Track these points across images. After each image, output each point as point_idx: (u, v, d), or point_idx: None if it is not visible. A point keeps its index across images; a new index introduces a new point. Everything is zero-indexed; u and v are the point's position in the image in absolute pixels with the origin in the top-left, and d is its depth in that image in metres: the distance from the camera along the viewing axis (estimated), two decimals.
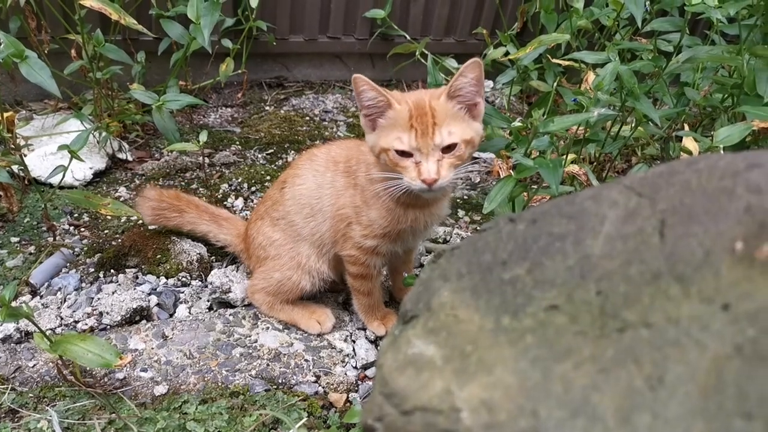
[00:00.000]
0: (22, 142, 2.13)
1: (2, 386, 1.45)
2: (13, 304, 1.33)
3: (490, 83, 3.33)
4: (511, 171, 1.65)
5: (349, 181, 1.63)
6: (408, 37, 3.07)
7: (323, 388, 1.62)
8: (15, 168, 2.02)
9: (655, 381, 0.53)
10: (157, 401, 1.49)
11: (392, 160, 1.41)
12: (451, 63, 2.91)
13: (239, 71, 2.82)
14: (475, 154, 2.78)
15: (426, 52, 2.64)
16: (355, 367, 1.70)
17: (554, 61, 2.41)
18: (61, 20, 2.34)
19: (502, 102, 3.20)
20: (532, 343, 0.64)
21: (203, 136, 2.15)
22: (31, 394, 1.44)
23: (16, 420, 1.35)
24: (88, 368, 1.55)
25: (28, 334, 1.67)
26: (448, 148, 1.38)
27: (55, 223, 2.01)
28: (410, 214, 1.54)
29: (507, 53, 2.75)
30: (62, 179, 1.86)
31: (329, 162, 1.70)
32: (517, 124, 1.50)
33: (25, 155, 2.18)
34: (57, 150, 1.69)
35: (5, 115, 1.86)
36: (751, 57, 1.65)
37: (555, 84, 2.00)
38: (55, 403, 1.40)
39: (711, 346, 0.52)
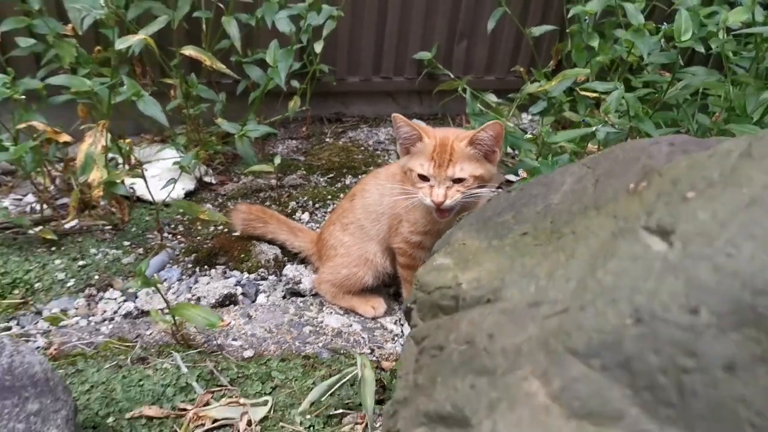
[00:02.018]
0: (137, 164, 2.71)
1: (131, 343, 1.95)
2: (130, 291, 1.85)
3: (527, 116, 3.79)
4: None
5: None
6: (452, 76, 3.59)
7: (377, 358, 2.06)
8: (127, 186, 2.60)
9: (569, 256, 0.96)
10: (246, 360, 1.96)
11: (413, 179, 1.87)
12: (491, 98, 3.39)
13: (304, 108, 3.38)
14: (508, 177, 3.23)
15: (467, 87, 3.13)
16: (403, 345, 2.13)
17: (582, 93, 2.85)
18: (163, 65, 2.95)
19: (537, 131, 3.63)
20: (508, 251, 1.08)
21: (277, 160, 2.69)
22: (152, 350, 1.94)
23: (145, 365, 1.84)
24: (191, 336, 2.04)
25: (144, 312, 2.20)
26: (458, 180, 1.83)
27: (162, 227, 2.56)
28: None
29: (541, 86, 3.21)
30: (171, 191, 2.42)
31: (389, 176, 2.18)
32: (528, 136, 1.94)
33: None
34: (172, 165, 2.24)
35: (127, 141, 2.44)
36: (736, 84, 2.05)
37: (586, 114, 2.43)
38: (172, 354, 1.89)
39: (601, 235, 0.95)
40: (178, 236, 2.65)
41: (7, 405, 1.22)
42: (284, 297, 2.34)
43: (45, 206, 2.59)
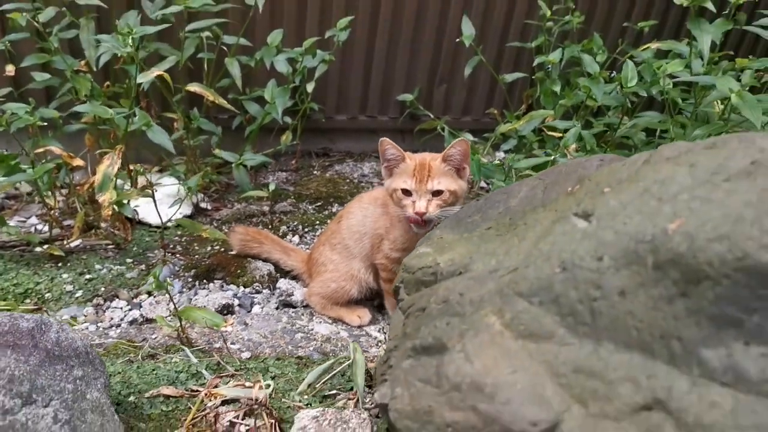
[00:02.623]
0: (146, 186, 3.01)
1: (139, 344, 2.21)
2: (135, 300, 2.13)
3: (501, 153, 4.19)
4: None
5: (384, 210, 2.43)
6: (432, 116, 3.98)
7: None
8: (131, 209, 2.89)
9: (521, 239, 1.29)
10: (244, 361, 2.23)
11: (398, 197, 2.21)
12: (467, 136, 3.78)
13: (294, 142, 3.73)
14: None
15: (445, 126, 3.51)
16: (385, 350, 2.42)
17: (549, 132, 3.25)
18: (169, 100, 3.29)
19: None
20: (476, 240, 1.41)
21: (272, 186, 3.01)
22: (159, 350, 2.20)
23: (155, 360, 2.10)
24: (194, 340, 2.30)
25: (149, 320, 2.46)
26: (437, 193, 2.16)
27: (166, 243, 2.84)
28: (420, 235, 2.31)
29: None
30: (175, 213, 2.71)
31: (371, 199, 2.51)
32: (495, 164, 2.30)
33: (137, 200, 3.05)
34: (179, 184, 2.54)
35: (136, 166, 2.75)
36: (674, 123, 2.45)
37: (552, 150, 2.80)
38: (181, 350, 2.15)
39: (545, 223, 1.29)
40: (177, 255, 2.93)
41: (58, 369, 1.48)
42: (277, 308, 2.62)
43: (54, 225, 2.86)
